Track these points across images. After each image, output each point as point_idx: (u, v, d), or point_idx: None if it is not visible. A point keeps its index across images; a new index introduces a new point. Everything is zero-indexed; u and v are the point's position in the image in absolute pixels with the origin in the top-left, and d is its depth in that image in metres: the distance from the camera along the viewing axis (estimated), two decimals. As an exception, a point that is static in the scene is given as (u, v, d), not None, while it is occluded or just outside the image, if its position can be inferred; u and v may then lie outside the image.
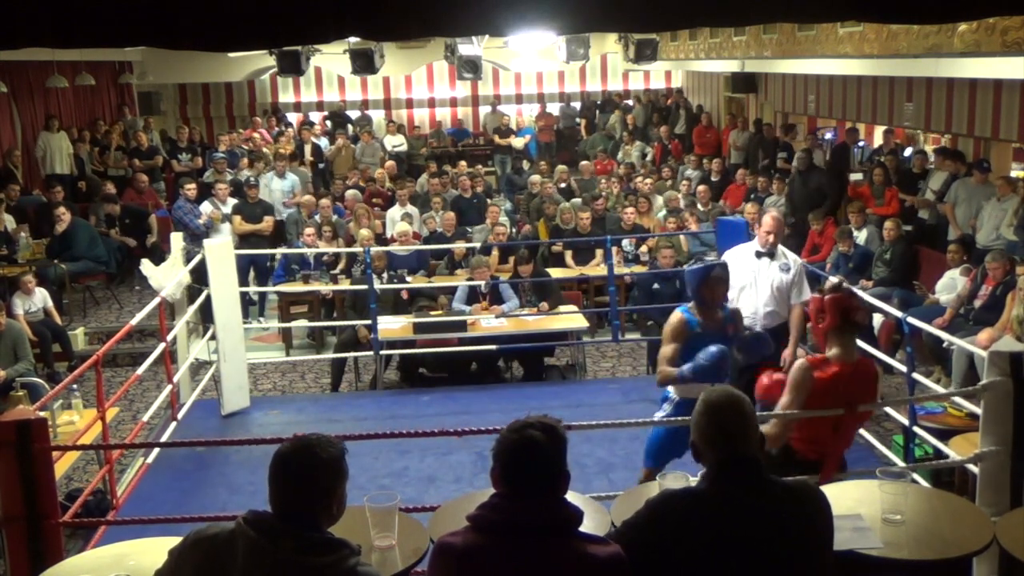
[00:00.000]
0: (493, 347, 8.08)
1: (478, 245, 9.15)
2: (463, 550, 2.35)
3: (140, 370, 6.42)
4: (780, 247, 6.09)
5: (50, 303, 9.03)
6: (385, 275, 8.90)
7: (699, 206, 11.09)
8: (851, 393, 3.92)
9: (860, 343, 6.30)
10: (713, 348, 4.56)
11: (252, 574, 2.24)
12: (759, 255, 6.00)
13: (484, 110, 19.35)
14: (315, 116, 19.11)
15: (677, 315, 4.81)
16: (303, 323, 9.46)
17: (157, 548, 3.02)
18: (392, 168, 13.92)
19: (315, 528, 2.32)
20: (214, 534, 2.32)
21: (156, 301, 6.68)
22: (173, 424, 6.72)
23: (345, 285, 9.04)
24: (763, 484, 2.49)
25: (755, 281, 5.97)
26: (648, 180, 12.32)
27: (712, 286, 4.80)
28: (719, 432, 2.51)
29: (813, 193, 11.26)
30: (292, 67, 9.52)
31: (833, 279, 4.23)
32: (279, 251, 9.90)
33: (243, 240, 10.19)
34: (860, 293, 6.69)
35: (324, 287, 9.20)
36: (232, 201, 10.71)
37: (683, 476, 3.19)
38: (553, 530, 2.34)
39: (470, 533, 2.38)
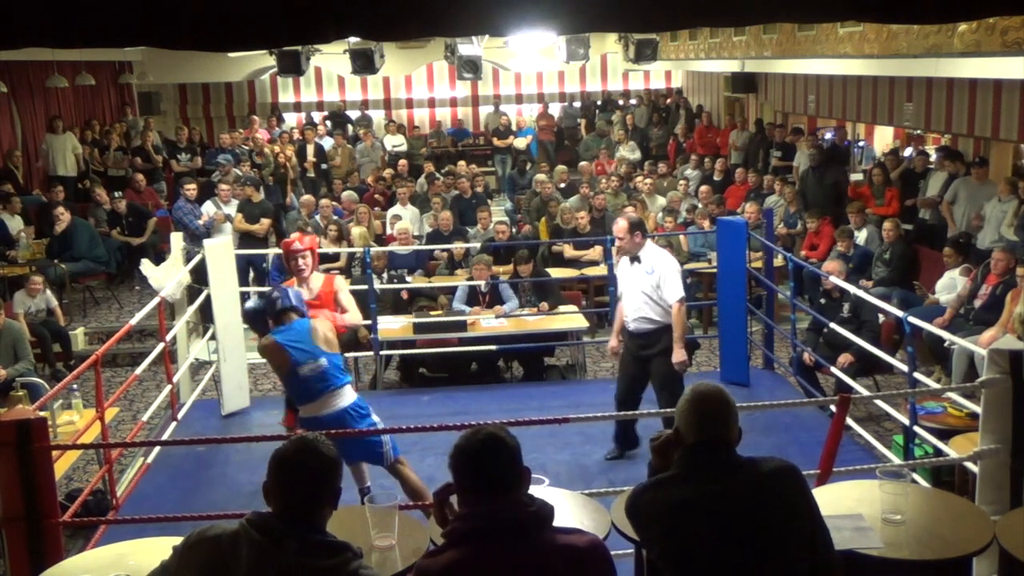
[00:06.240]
0: (493, 347, 8.09)
1: (478, 245, 9.14)
2: (445, 569, 2.32)
3: (139, 370, 6.41)
4: (648, 250, 5.90)
5: (55, 303, 9.03)
6: (385, 275, 8.89)
7: (700, 206, 11.06)
8: None
9: (861, 343, 6.35)
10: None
11: None
12: (631, 261, 5.93)
13: (484, 110, 19.34)
14: (316, 116, 19.10)
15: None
16: (303, 323, 9.42)
17: (157, 548, 3.02)
18: (402, 167, 13.92)
19: (317, 529, 2.32)
20: (217, 535, 2.32)
21: (156, 301, 6.68)
22: (173, 424, 6.72)
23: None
24: (734, 460, 2.58)
25: (628, 287, 5.97)
26: (648, 180, 12.31)
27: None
28: (703, 417, 2.60)
29: (829, 189, 11.09)
30: (292, 67, 9.50)
31: None
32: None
33: (241, 240, 10.18)
34: (861, 293, 6.71)
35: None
36: (235, 202, 10.70)
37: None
38: (529, 527, 2.35)
39: (448, 551, 2.35)
